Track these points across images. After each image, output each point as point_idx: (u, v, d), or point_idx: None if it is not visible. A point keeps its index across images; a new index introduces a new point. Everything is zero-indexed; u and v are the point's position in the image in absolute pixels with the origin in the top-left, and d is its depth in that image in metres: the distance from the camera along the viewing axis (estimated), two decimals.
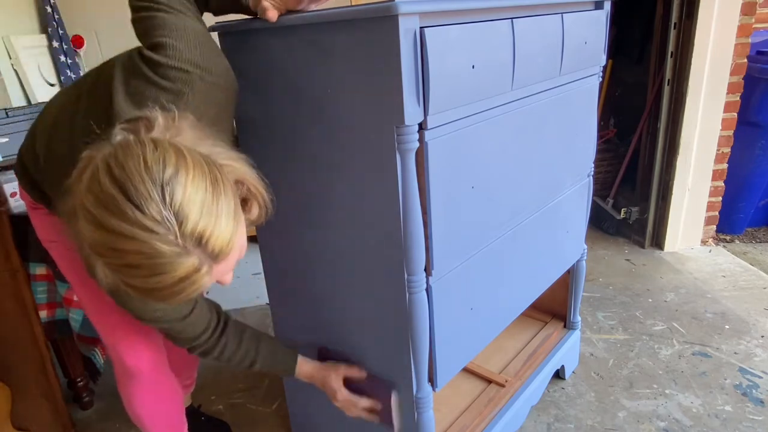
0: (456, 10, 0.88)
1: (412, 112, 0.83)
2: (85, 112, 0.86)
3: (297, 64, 0.94)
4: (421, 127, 0.87)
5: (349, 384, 1.13)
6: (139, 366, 1.09)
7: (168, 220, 0.60)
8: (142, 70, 0.79)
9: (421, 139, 0.87)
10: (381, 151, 0.88)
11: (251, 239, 0.92)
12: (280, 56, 0.96)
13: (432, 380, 1.06)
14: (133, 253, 0.60)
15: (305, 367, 1.14)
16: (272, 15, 0.88)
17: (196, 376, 1.52)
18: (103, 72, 0.87)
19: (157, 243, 0.60)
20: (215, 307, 1.04)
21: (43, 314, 1.47)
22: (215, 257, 0.64)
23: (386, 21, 0.78)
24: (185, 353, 1.07)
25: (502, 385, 1.42)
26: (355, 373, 1.12)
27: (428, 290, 0.97)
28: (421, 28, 0.80)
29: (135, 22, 0.85)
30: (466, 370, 1.49)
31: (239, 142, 1.12)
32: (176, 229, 0.60)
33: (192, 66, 0.80)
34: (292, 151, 1.04)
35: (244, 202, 0.75)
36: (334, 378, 1.11)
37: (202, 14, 0.91)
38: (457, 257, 1.03)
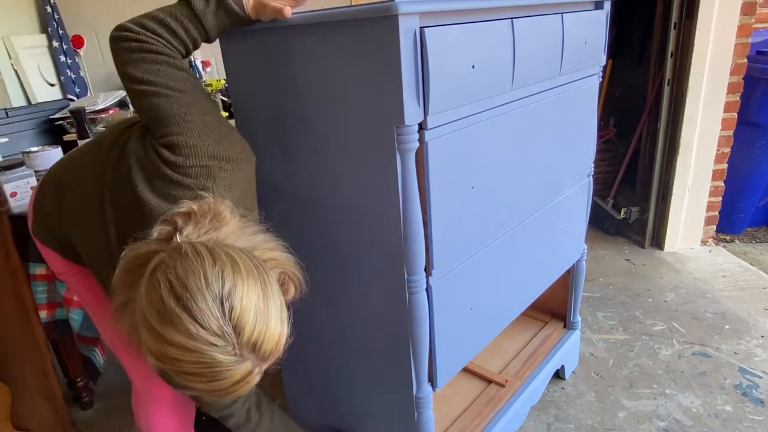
0: (456, 10, 0.88)
1: (412, 112, 0.83)
2: (114, 215, 0.88)
3: (297, 64, 0.94)
4: (421, 127, 0.87)
5: None
6: (160, 391, 1.11)
7: (227, 333, 0.64)
8: (163, 171, 0.82)
9: (421, 139, 0.87)
10: (381, 151, 0.88)
11: None
12: (281, 56, 0.96)
13: (432, 380, 1.06)
14: (194, 363, 0.64)
15: None
16: (288, 12, 0.89)
17: None
18: (120, 167, 0.88)
19: (217, 354, 0.64)
20: None
21: (43, 314, 1.47)
22: (266, 359, 0.69)
23: (386, 21, 0.78)
24: None
25: (502, 385, 1.42)
26: None
27: (428, 290, 0.97)
28: (421, 28, 0.80)
29: (137, 109, 0.86)
30: (466, 370, 1.49)
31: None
32: (234, 340, 0.65)
33: (209, 159, 0.83)
34: (292, 151, 1.04)
35: (282, 285, 0.78)
36: None
37: (196, 47, 0.90)
38: (457, 257, 1.03)
